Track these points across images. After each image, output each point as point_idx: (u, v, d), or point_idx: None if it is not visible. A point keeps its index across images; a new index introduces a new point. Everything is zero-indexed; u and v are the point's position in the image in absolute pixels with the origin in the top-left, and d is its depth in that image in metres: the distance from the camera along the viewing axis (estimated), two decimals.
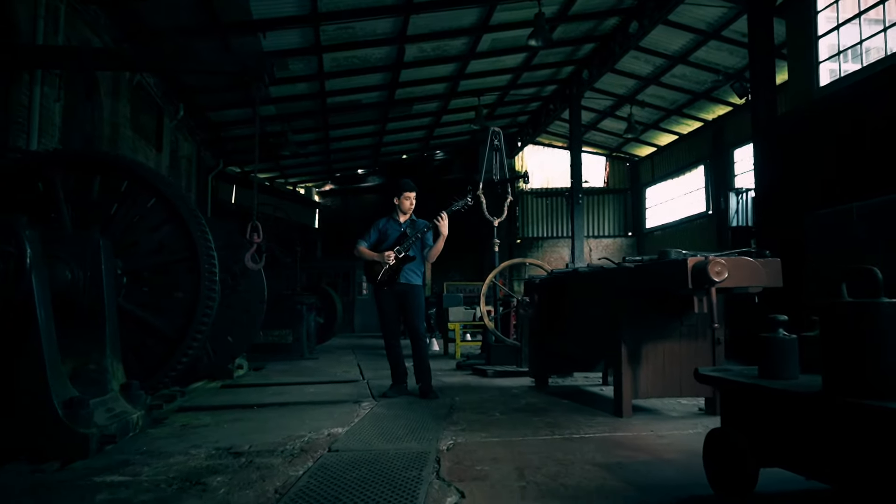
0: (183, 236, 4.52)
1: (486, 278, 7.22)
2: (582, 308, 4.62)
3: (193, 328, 4.40)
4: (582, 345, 4.78)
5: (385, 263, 5.59)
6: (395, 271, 5.61)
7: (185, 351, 4.44)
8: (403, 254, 5.62)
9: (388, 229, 5.84)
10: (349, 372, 7.59)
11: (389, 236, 5.78)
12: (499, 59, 16.20)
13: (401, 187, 5.83)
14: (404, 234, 5.71)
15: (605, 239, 24.52)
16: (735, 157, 18.42)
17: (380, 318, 5.87)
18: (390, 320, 5.79)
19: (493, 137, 8.17)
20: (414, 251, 5.70)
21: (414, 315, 5.72)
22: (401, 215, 5.85)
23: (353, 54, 14.15)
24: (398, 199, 5.82)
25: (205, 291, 4.42)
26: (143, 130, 13.47)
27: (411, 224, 5.88)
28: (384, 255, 5.59)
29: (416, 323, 5.75)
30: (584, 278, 4.60)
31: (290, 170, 23.68)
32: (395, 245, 5.66)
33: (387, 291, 5.69)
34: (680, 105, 18.91)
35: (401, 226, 5.83)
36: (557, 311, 5.13)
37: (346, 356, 10.50)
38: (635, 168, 24.43)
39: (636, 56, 16.41)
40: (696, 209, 20.48)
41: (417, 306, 5.72)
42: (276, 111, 16.91)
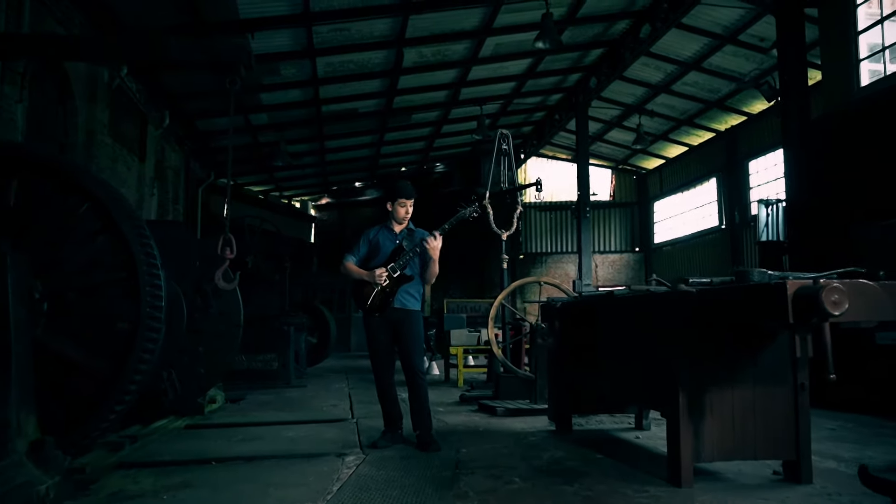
0: (121, 250, 3.62)
1: (496, 299, 6.28)
2: (618, 339, 3.71)
3: (131, 365, 3.49)
4: (617, 383, 3.85)
5: (376, 284, 4.67)
6: (389, 294, 4.66)
7: (121, 395, 3.53)
8: (399, 272, 4.67)
9: (380, 241, 4.85)
10: (338, 406, 6.66)
11: (382, 250, 4.80)
12: (502, 66, 15.40)
13: (395, 192, 4.83)
14: (400, 248, 4.75)
15: (612, 255, 23.63)
16: (750, 169, 17.55)
17: (370, 351, 4.87)
18: (382, 354, 4.78)
19: (501, 140, 7.30)
20: (411, 269, 4.75)
21: (411, 348, 4.72)
22: (395, 225, 4.87)
23: (348, 58, 13.33)
24: (391, 206, 4.82)
25: (146, 320, 3.51)
26: (125, 139, 12.60)
27: (408, 235, 4.87)
28: (375, 274, 4.64)
29: (414, 359, 4.72)
30: (624, 304, 3.68)
31: (284, 182, 22.86)
32: (389, 261, 4.70)
33: (378, 319, 4.72)
34: (691, 115, 18.10)
35: (396, 237, 4.87)
36: (584, 341, 4.20)
37: (338, 382, 9.58)
38: (643, 181, 23.58)
39: (646, 63, 15.62)
40: (707, 223, 19.60)
41: (415, 336, 4.75)
42: (268, 120, 16.10)
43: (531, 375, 6.01)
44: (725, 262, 18.20)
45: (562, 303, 4.61)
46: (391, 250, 4.77)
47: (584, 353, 4.28)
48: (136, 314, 3.53)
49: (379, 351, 4.80)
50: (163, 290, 3.68)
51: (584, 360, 4.31)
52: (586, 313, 4.19)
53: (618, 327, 3.76)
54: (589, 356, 4.21)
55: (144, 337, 3.52)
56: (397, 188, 4.86)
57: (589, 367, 4.25)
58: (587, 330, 4.18)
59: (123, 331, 3.60)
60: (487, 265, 23.39)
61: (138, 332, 3.51)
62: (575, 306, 4.38)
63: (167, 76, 12.84)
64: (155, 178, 14.91)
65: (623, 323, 3.71)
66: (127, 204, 4.02)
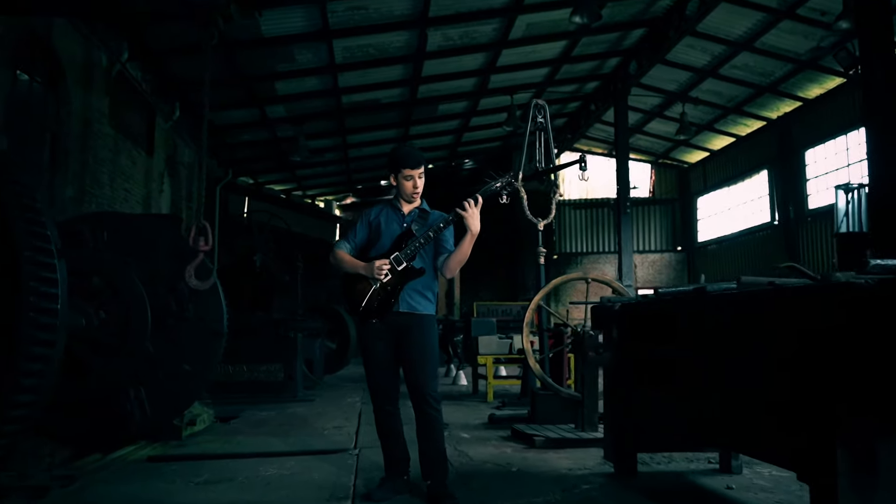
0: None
1: (533, 301, 5.11)
2: (712, 355, 2.52)
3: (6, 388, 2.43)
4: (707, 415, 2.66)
5: (374, 280, 3.50)
6: (391, 292, 3.50)
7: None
8: (405, 264, 3.49)
9: (382, 224, 3.67)
10: (342, 428, 5.57)
11: (384, 235, 3.64)
12: (534, 49, 14.23)
13: (397, 160, 3.61)
14: (408, 233, 3.59)
15: (652, 254, 22.26)
16: (807, 159, 16.11)
17: (365, 369, 3.70)
18: (382, 373, 3.61)
19: (537, 112, 6.18)
20: (422, 260, 3.58)
21: (421, 365, 3.50)
22: (403, 204, 3.68)
23: (367, 42, 12.30)
24: (395, 178, 3.64)
25: (26, 328, 2.45)
26: (129, 130, 11.72)
27: (420, 217, 3.68)
28: (373, 267, 3.46)
29: (425, 381, 3.48)
30: (727, 305, 2.44)
31: (307, 181, 21.95)
32: (393, 250, 3.54)
33: (376, 326, 3.56)
34: (740, 102, 16.72)
35: (403, 219, 3.68)
36: (657, 355, 3.04)
37: (352, 395, 8.49)
38: (685, 175, 22.17)
39: (691, 44, 14.33)
40: (757, 220, 18.16)
41: (427, 350, 3.53)
42: (286, 112, 15.15)
43: (576, 395, 4.85)
44: (779, 261, 16.77)
45: (622, 304, 3.45)
46: (397, 235, 3.61)
47: (657, 372, 3.12)
48: (15, 317, 2.46)
49: (377, 369, 3.61)
50: (55, 284, 2.61)
51: (657, 381, 3.14)
52: (661, 318, 3.02)
53: (714, 338, 2.58)
54: (664, 376, 3.04)
55: (27, 349, 2.45)
56: (399, 154, 3.66)
57: (663, 391, 3.08)
58: (662, 341, 3.02)
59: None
60: (519, 263, 22.19)
61: (18, 341, 2.44)
62: (643, 309, 3.21)
63: (174, 63, 11.92)
64: (167, 175, 14.07)
65: (723, 333, 2.52)
66: (11, 170, 2.96)
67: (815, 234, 15.66)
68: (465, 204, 3.42)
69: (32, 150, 8.99)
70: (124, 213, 8.47)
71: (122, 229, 5.00)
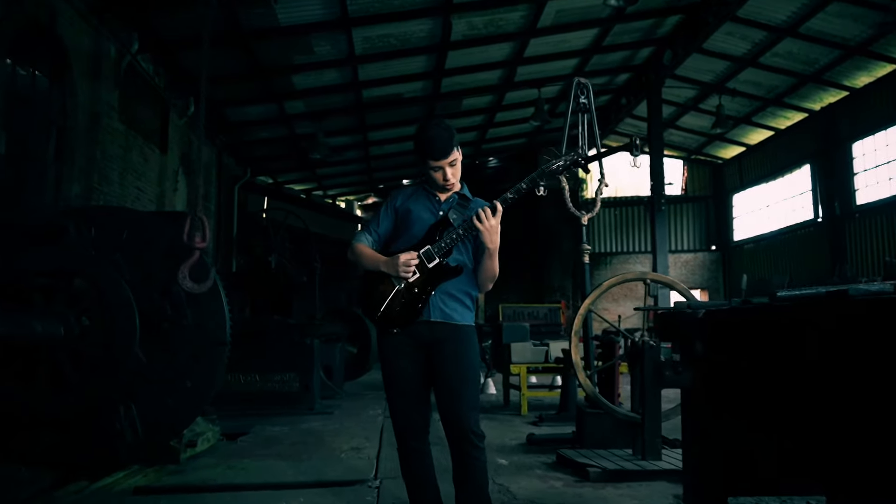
0: None
1: (582, 304, 4.38)
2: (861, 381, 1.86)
3: None
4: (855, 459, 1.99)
5: (397, 280, 2.83)
6: (419, 295, 2.80)
7: None
8: (438, 260, 2.80)
9: (412, 211, 2.97)
10: (362, 450, 4.91)
11: (415, 224, 2.94)
12: (564, 38, 13.52)
13: (420, 148, 2.90)
14: (444, 222, 2.89)
15: (685, 254, 21.37)
16: (854, 152, 15.18)
17: (387, 394, 2.99)
18: (406, 397, 2.89)
19: (579, 92, 5.48)
20: (460, 255, 2.90)
21: (458, 390, 2.78)
22: (438, 192, 3.01)
23: (388, 31, 11.69)
24: (424, 170, 2.95)
25: None
26: (141, 126, 11.21)
27: (459, 204, 2.98)
28: (398, 263, 2.78)
29: (463, 409, 2.76)
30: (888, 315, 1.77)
31: (327, 180, 21.40)
32: (425, 242, 2.85)
33: (400, 339, 2.86)
34: (780, 93, 15.83)
35: (438, 205, 2.99)
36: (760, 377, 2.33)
37: (374, 406, 7.85)
38: (719, 172, 21.27)
39: (730, 31, 13.50)
40: (799, 217, 17.25)
41: (465, 370, 2.82)
42: (304, 108, 14.58)
43: (635, 416, 4.15)
44: (822, 261, 15.89)
45: (710, 310, 2.73)
46: (430, 225, 2.90)
47: (762, 398, 2.42)
48: None
49: (400, 394, 2.88)
50: None
51: (762, 410, 2.44)
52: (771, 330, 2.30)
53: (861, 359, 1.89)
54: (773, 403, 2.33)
55: None
56: (423, 141, 2.90)
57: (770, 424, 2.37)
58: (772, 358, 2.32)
59: None
60: (544, 264, 21.43)
61: None
62: (743, 317, 2.48)
63: (188, 56, 11.38)
64: (182, 173, 13.55)
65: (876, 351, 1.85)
66: None
67: (865, 230, 14.74)
68: (482, 211, 2.76)
69: (36, 145, 8.50)
70: (114, 207, 7.89)
71: (112, 225, 4.40)
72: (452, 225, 2.88)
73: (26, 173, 8.21)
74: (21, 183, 8.02)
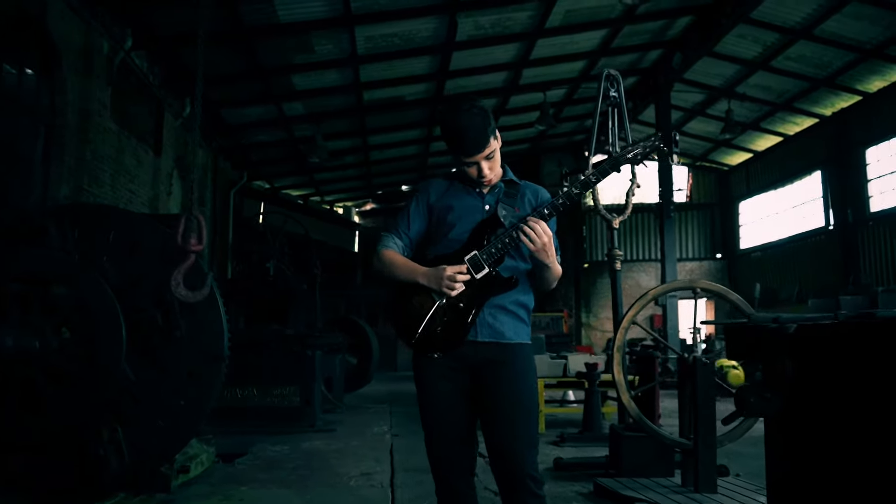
0: None
1: (625, 317, 3.92)
2: None
3: None
4: None
5: (438, 296, 2.35)
6: (463, 313, 2.33)
7: None
8: (487, 270, 2.32)
9: (453, 207, 2.48)
10: (372, 476, 4.43)
11: (458, 223, 2.45)
12: (572, 40, 13.15)
13: (454, 144, 2.44)
14: (493, 221, 2.41)
15: (689, 262, 20.95)
16: (868, 158, 14.81)
17: (424, 424, 2.44)
18: (448, 430, 2.39)
19: (609, 85, 5.07)
20: (512, 259, 2.43)
21: (512, 424, 2.30)
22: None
23: (392, 30, 11.29)
24: (454, 161, 2.48)
25: None
26: (135, 127, 10.77)
27: (507, 194, 2.51)
28: (442, 276, 2.30)
29: (518, 448, 2.28)
30: None
31: (325, 185, 20.95)
32: (470, 247, 2.36)
33: (442, 363, 2.38)
34: (790, 97, 15.48)
35: (483, 199, 2.51)
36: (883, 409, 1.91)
37: (379, 421, 7.39)
38: (725, 179, 20.91)
39: (742, 33, 13.16)
40: (809, 224, 16.86)
41: (521, 399, 2.34)
42: (303, 110, 14.15)
43: (687, 443, 3.69)
44: (833, 270, 15.50)
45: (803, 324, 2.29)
46: (475, 224, 2.42)
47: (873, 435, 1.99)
48: None
49: (440, 426, 2.39)
50: None
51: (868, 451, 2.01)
52: None
53: None
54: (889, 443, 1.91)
55: None
56: (452, 134, 2.43)
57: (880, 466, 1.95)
58: None
59: None
60: None
61: None
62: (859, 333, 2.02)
63: (184, 54, 10.94)
64: (177, 176, 13.09)
65: None
66: None
67: (879, 238, 14.35)
68: (529, 232, 2.26)
69: (23, 144, 8.06)
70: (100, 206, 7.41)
71: (98, 225, 3.95)
72: (503, 224, 2.40)
73: (11, 173, 7.77)
74: (5, 183, 7.56)
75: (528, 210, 2.47)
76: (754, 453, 5.52)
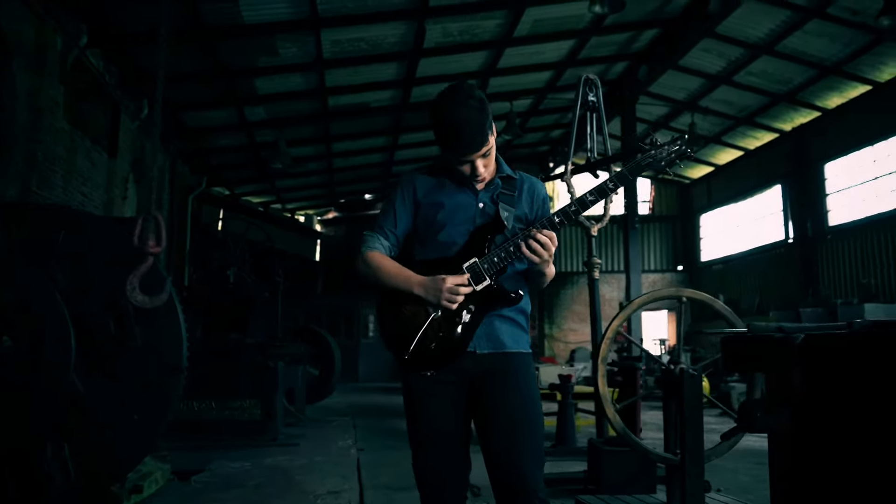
0: None
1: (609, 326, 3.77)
2: None
3: None
4: None
5: (434, 308, 2.13)
6: (463, 327, 2.12)
7: None
8: (488, 281, 2.12)
9: (444, 204, 2.26)
10: (341, 493, 4.20)
11: (449, 220, 2.23)
12: (539, 49, 13.14)
13: (441, 139, 2.19)
14: (495, 223, 2.20)
15: (651, 274, 21.12)
16: (826, 173, 15.09)
17: (411, 441, 2.22)
18: (441, 447, 2.16)
19: (587, 90, 4.96)
20: (514, 275, 2.26)
21: (514, 439, 2.09)
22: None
23: (359, 35, 11.08)
24: (449, 160, 2.23)
25: None
26: (89, 127, 10.32)
27: (505, 189, 2.31)
28: (439, 286, 2.09)
29: (524, 464, 2.07)
30: None
31: (287, 193, 20.57)
32: (469, 252, 2.16)
33: (437, 379, 2.15)
34: (752, 112, 15.73)
35: (477, 196, 2.29)
36: None
37: (343, 435, 7.13)
38: (687, 191, 21.18)
39: (706, 48, 13.30)
40: (769, 238, 17.12)
41: (525, 412, 2.13)
42: (266, 114, 13.82)
43: (673, 458, 3.56)
44: (793, 282, 15.73)
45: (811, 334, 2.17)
46: (469, 224, 2.22)
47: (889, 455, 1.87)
48: None
49: (433, 442, 2.16)
50: None
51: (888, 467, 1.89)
52: None
53: None
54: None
55: None
56: (447, 129, 2.15)
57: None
58: None
59: None
60: None
61: None
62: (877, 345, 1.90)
63: (143, 54, 10.56)
64: (133, 180, 12.63)
65: None
66: None
67: (837, 251, 14.62)
68: (531, 243, 2.08)
69: None
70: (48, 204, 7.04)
71: (45, 224, 3.65)
72: (506, 226, 2.19)
73: None
74: None
75: (526, 208, 2.28)
76: (731, 468, 5.44)
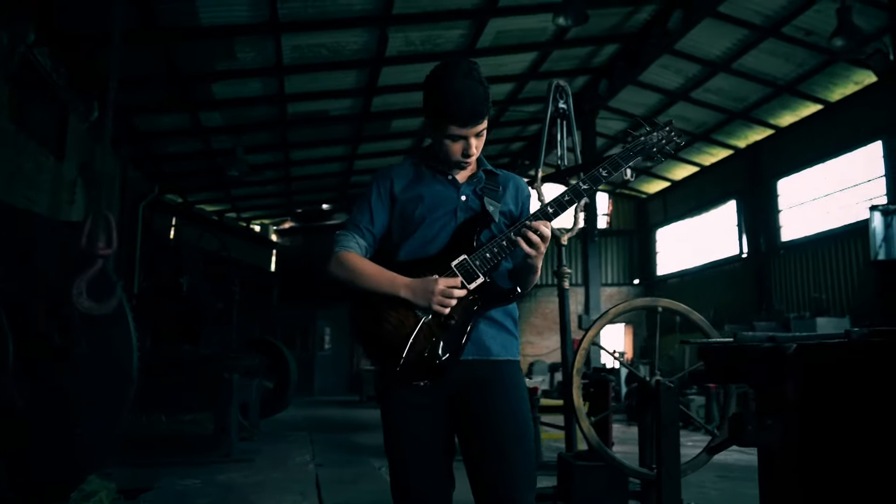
0: None
1: (585, 337, 3.67)
2: None
3: None
4: None
5: (424, 312, 1.94)
6: (455, 331, 1.92)
7: None
8: (482, 279, 1.96)
9: (424, 198, 2.09)
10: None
11: (428, 215, 2.07)
12: (500, 62, 13.14)
13: (438, 105, 2.01)
14: (482, 217, 2.05)
15: (609, 287, 21.27)
16: (779, 189, 15.43)
17: (390, 461, 2.02)
18: (423, 467, 1.97)
19: (558, 96, 4.90)
20: (503, 274, 2.12)
21: (506, 455, 1.90)
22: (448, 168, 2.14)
23: (320, 40, 10.90)
24: (434, 134, 2.08)
25: None
26: (35, 128, 9.87)
27: (488, 185, 2.15)
28: (431, 288, 1.91)
29: (515, 483, 1.88)
30: None
31: (242, 202, 20.14)
32: (456, 249, 1.99)
33: (411, 391, 1.96)
34: (708, 129, 16.03)
35: (458, 190, 2.13)
36: None
37: (300, 449, 6.88)
38: (643, 206, 21.45)
39: (665, 63, 13.52)
40: (724, 252, 17.41)
41: (515, 421, 1.96)
42: (222, 121, 13.49)
43: (649, 473, 3.45)
44: (747, 296, 16.00)
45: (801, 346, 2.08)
46: (464, 221, 2.06)
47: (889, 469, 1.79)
48: None
49: (413, 462, 1.97)
50: None
51: None
52: None
53: None
54: None
55: None
56: (446, 97, 1.99)
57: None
58: None
59: None
60: None
61: None
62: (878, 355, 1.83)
63: (94, 55, 10.17)
64: (81, 184, 12.14)
65: None
66: None
67: (790, 266, 14.94)
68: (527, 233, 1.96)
69: None
70: None
71: None
72: (493, 220, 2.07)
73: None
74: None
75: (512, 204, 2.17)
76: (697, 482, 5.40)
